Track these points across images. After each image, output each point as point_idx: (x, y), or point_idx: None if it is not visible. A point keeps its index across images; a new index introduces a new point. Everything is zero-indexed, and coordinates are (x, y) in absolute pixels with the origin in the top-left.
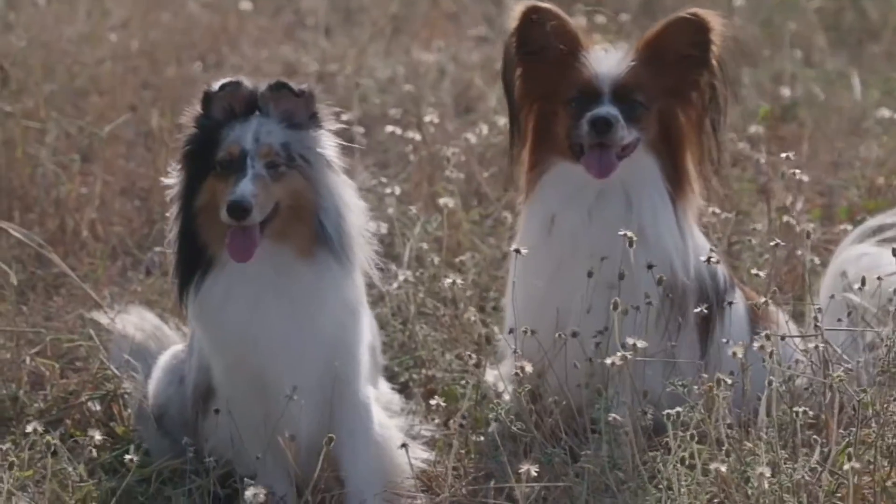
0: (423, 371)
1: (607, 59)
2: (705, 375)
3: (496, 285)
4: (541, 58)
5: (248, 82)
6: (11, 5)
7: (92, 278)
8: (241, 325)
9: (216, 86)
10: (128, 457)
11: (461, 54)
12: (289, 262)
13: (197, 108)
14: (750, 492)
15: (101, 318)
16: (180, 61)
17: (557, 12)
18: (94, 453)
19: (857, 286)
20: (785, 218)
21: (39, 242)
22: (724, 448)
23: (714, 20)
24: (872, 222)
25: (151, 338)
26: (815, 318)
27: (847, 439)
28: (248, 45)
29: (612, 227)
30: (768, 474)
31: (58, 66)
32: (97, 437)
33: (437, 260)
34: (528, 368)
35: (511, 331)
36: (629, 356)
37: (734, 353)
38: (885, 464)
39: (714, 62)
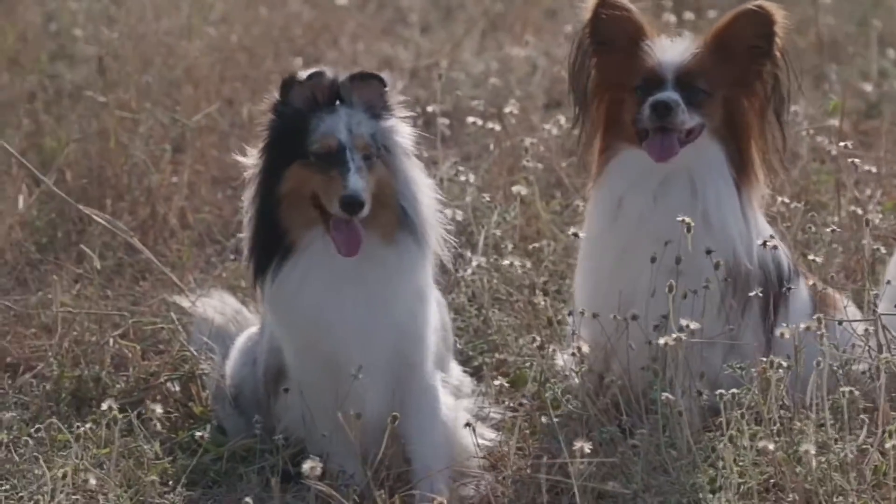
0: (496, 355)
1: (672, 48)
2: (763, 359)
3: (572, 273)
4: (611, 48)
5: (329, 72)
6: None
7: (178, 265)
8: (315, 309)
9: (303, 75)
10: (198, 434)
11: (553, 49)
12: (373, 247)
13: (275, 96)
14: (799, 470)
15: (183, 301)
16: (279, 56)
17: (626, 4)
18: (163, 429)
19: None
20: (851, 207)
21: (123, 228)
22: (775, 428)
23: (778, 13)
24: None
25: (231, 321)
26: (873, 303)
27: None
28: (347, 40)
29: (676, 212)
30: (814, 452)
31: (154, 58)
32: (159, 410)
33: (510, 246)
34: (585, 349)
35: (571, 313)
36: (683, 337)
37: (782, 334)
38: None
39: (777, 53)
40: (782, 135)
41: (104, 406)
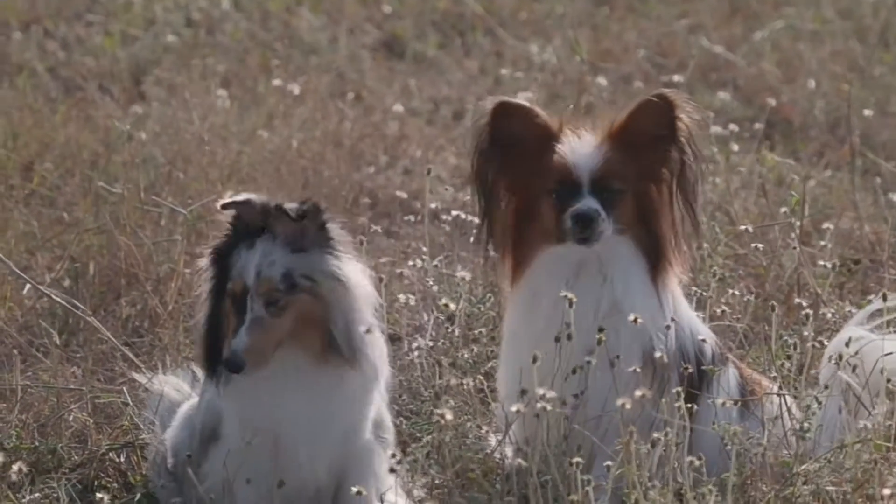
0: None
1: (582, 149)
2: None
3: None
4: (516, 151)
5: (257, 199)
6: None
7: (160, 346)
8: (265, 407)
9: (222, 202)
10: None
11: None
12: (306, 363)
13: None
14: None
15: (142, 378)
16: (341, 163)
17: (527, 105)
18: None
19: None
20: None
21: (81, 308)
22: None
23: (678, 98)
24: (872, 307)
25: (187, 397)
26: (779, 385)
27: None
28: (415, 149)
29: (587, 301)
30: None
31: (196, 157)
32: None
33: (457, 332)
34: (449, 415)
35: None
36: (548, 407)
37: (643, 395)
38: None
39: (682, 139)
40: (693, 218)
41: (14, 468)
